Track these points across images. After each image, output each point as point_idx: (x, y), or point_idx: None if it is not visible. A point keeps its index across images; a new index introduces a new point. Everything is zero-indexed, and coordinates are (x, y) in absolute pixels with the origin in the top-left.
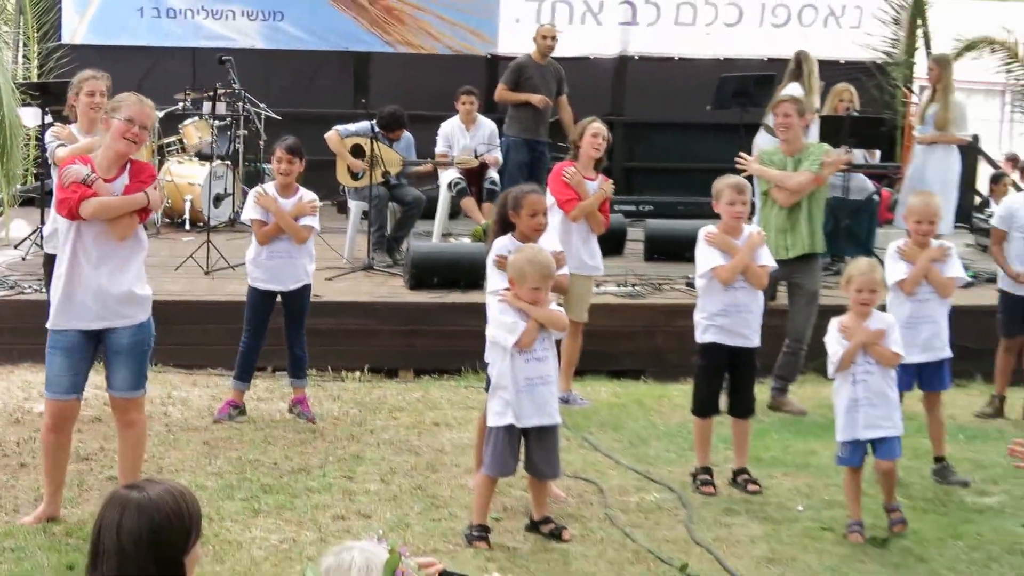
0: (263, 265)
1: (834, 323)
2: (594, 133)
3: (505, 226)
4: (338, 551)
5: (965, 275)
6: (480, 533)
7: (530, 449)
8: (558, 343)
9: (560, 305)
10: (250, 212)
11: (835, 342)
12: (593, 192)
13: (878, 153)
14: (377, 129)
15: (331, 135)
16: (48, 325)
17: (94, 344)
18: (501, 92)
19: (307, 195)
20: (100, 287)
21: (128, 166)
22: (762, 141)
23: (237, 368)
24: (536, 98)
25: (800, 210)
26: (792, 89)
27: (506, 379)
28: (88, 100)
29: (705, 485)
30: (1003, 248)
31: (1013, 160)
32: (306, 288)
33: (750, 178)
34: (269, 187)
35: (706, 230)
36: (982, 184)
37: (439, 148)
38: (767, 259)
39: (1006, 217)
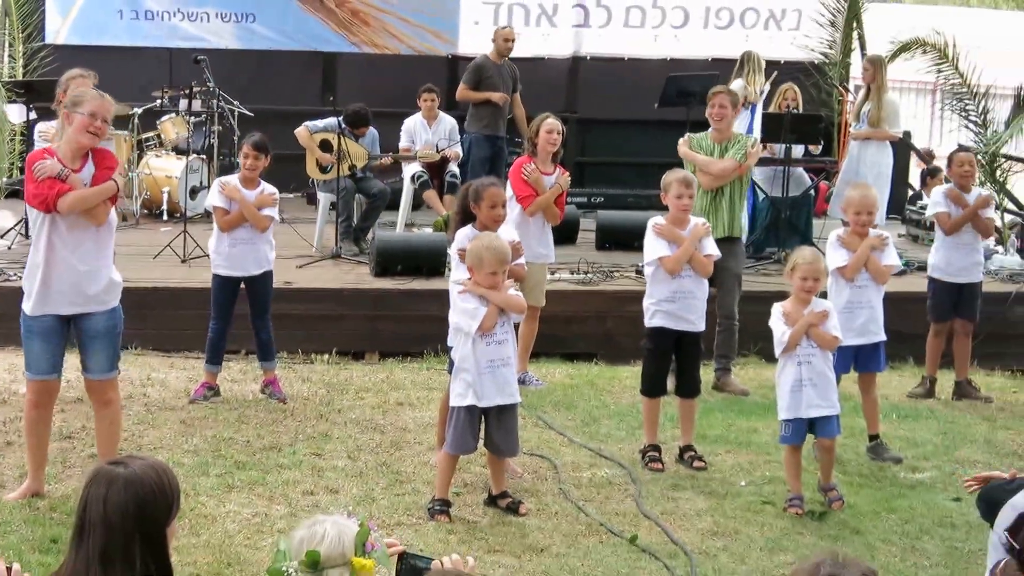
0: (225, 252)
1: (777, 308)
2: (548, 129)
3: (466, 217)
4: (310, 524)
5: (900, 263)
6: (442, 507)
7: (490, 428)
8: (516, 327)
9: (518, 292)
10: (214, 200)
11: (780, 324)
12: (550, 187)
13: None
14: (344, 125)
15: (301, 131)
16: (27, 311)
17: (67, 326)
18: (463, 91)
19: (268, 188)
20: (78, 275)
21: (91, 155)
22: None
23: (208, 352)
24: (496, 96)
25: (723, 195)
26: (736, 85)
27: (468, 362)
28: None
29: (653, 461)
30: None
31: (928, 158)
32: (268, 274)
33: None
34: (233, 179)
35: (654, 221)
36: (914, 178)
37: (402, 143)
38: (712, 249)
39: (942, 203)
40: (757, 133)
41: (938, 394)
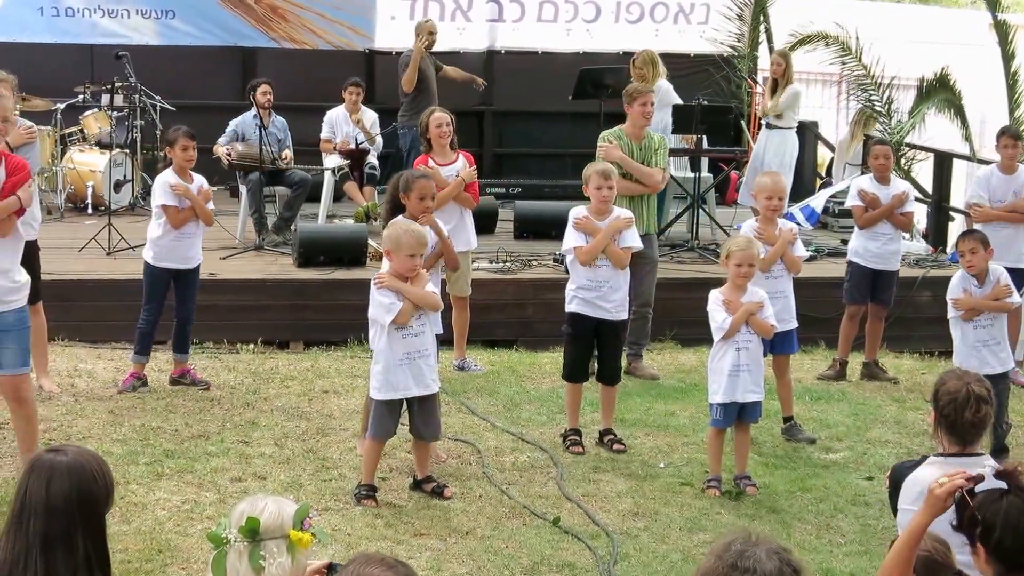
0: (168, 246)
1: (715, 294)
2: (437, 123)
3: (396, 207)
4: (252, 500)
5: (807, 252)
6: (368, 492)
7: (412, 414)
8: (449, 317)
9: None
10: (164, 199)
11: (719, 311)
12: (451, 179)
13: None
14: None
15: (217, 150)
16: None
17: None
18: (407, 79)
19: (200, 180)
20: None
21: (3, 160)
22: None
23: (137, 343)
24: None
25: (642, 197)
26: (662, 85)
27: (386, 354)
28: None
29: (574, 445)
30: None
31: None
32: (198, 267)
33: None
34: (173, 176)
35: (576, 212)
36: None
37: (324, 134)
38: (632, 241)
39: (856, 196)
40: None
41: (849, 376)
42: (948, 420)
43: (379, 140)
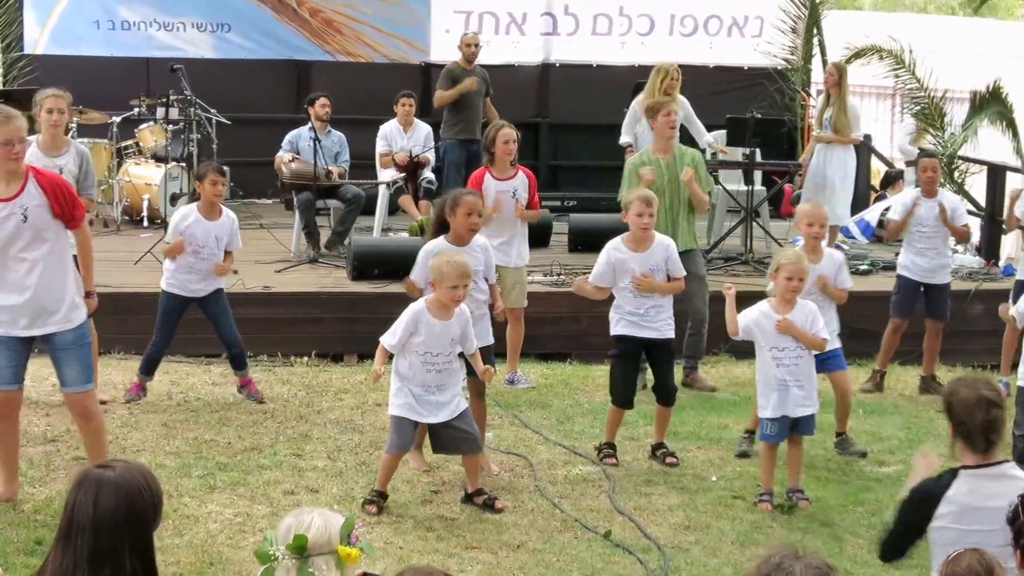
0: (178, 275)
1: (762, 304)
2: (505, 139)
3: (442, 225)
4: (297, 514)
5: (850, 284)
6: (375, 497)
7: (436, 433)
8: (503, 329)
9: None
10: (170, 236)
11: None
12: (506, 195)
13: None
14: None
15: (283, 157)
16: None
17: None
18: (439, 95)
19: (227, 219)
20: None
21: (33, 178)
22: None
23: (144, 364)
24: (467, 81)
25: (681, 214)
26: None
27: (407, 377)
28: (47, 117)
29: (608, 457)
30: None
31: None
32: (219, 291)
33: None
34: (190, 212)
35: (612, 245)
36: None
37: (380, 148)
38: (678, 272)
39: (902, 211)
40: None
41: (901, 389)
42: (963, 428)
43: (431, 155)
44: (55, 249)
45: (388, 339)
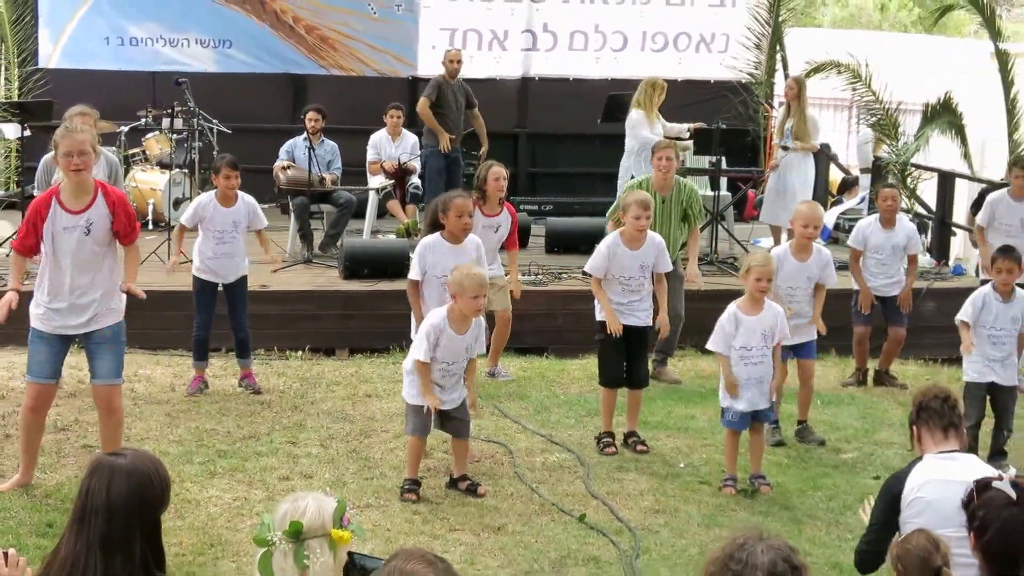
0: (208, 261)
1: (732, 307)
2: (496, 177)
3: (435, 227)
4: (293, 499)
5: (836, 279)
6: (411, 486)
7: (444, 417)
8: (491, 327)
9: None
10: (186, 219)
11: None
12: (489, 230)
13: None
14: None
15: (281, 164)
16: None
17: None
18: (423, 106)
19: (245, 203)
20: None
21: (100, 192)
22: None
23: (195, 350)
24: (445, 139)
25: (670, 243)
26: (637, 115)
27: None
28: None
29: (608, 447)
30: (860, 264)
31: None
32: (243, 279)
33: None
34: (208, 199)
35: (611, 239)
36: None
37: (370, 156)
38: (664, 268)
39: (859, 239)
40: None
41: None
42: (922, 416)
43: (417, 163)
44: (108, 259)
45: (421, 355)
